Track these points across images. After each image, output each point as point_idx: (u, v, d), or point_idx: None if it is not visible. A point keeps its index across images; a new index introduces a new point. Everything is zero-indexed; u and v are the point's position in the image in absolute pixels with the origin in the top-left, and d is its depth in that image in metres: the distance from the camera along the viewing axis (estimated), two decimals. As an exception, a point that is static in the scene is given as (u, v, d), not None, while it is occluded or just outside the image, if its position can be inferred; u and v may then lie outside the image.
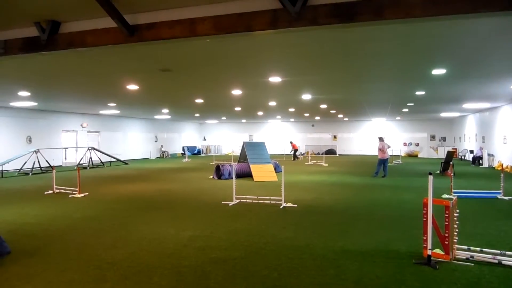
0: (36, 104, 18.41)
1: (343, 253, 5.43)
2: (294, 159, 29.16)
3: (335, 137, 37.49)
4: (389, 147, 16.14)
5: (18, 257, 5.31)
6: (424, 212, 5.07)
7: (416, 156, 33.32)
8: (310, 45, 7.46)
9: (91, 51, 6.27)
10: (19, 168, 18.49)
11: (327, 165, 22.95)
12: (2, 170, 17.55)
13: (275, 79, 11.20)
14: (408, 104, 19.52)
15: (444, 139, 33.70)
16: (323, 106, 20.91)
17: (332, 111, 24.95)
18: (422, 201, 5.28)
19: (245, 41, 7.04)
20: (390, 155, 16.67)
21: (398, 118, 32.04)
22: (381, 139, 16.34)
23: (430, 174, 5.08)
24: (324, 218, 7.83)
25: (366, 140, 35.88)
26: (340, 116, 29.97)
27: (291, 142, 31.41)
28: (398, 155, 28.43)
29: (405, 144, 34.85)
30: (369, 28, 6.06)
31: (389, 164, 17.80)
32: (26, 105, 18.79)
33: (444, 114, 27.25)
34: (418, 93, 14.69)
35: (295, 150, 30.13)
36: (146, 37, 5.39)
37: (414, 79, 11.61)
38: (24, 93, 14.27)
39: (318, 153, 35.15)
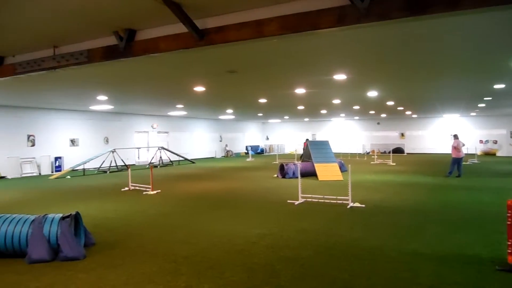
0: (112, 107, 19.81)
1: (416, 256, 5.21)
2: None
3: (402, 135, 35.89)
4: (463, 145, 15.14)
5: (101, 248, 5.77)
6: (509, 215, 4.70)
7: (494, 154, 30.85)
8: (377, 41, 7.23)
9: (163, 56, 6.61)
10: (98, 166, 20.00)
11: (394, 164, 22.05)
12: (84, 169, 19.10)
13: (340, 76, 11.00)
14: (485, 98, 18.14)
15: (527, 135, 30.85)
16: (390, 103, 20.13)
17: (399, 108, 23.93)
18: (504, 203, 4.91)
19: (310, 39, 6.99)
20: (464, 154, 15.63)
21: (473, 113, 29.89)
22: (455, 136, 15.37)
23: (515, 174, 4.69)
24: (394, 219, 7.55)
25: (437, 138, 33.93)
26: (408, 113, 28.64)
27: (307, 140, 29.83)
28: (474, 154, 26.55)
29: (481, 141, 32.37)
30: (442, 20, 5.75)
31: (464, 163, 16.69)
32: (103, 108, 20.30)
33: (527, 109, 24.96)
34: (496, 86, 13.59)
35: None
36: (215, 40, 5.58)
37: (492, 72, 10.78)
38: (102, 97, 15.42)
39: (385, 152, 33.88)
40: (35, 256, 5.13)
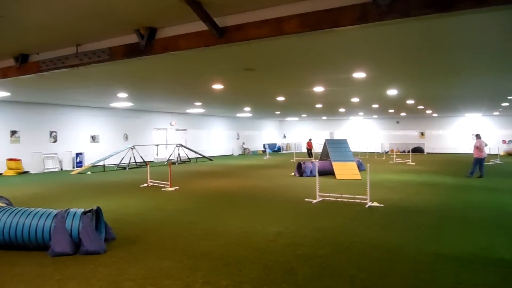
0: (132, 104, 20.08)
1: (437, 257, 5.12)
2: (309, 156, 27.57)
3: (422, 134, 35.30)
4: (486, 145, 14.80)
5: (122, 243, 5.87)
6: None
7: (518, 155, 30.05)
8: (398, 38, 7.12)
9: (183, 54, 6.65)
10: (118, 162, 20.32)
11: (414, 163, 21.71)
12: (104, 165, 19.44)
13: (359, 74, 10.89)
14: (508, 97, 17.68)
15: (552, 136, 29.89)
16: (410, 101, 19.82)
17: (419, 107, 23.54)
18: (530, 204, 4.78)
19: (330, 37, 6.93)
20: (487, 154, 15.28)
21: (495, 113, 29.17)
22: (478, 136, 15.02)
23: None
24: (414, 219, 7.44)
25: (458, 138, 33.25)
26: (429, 112, 28.14)
27: (310, 139, 30.12)
28: (496, 154, 25.91)
29: (504, 141, 31.57)
30: (466, 17, 5.61)
31: (486, 163, 16.31)
32: (123, 105, 20.60)
33: (553, 108, 24.20)
34: (522, 85, 13.24)
35: (309, 149, 28.75)
36: (235, 38, 5.58)
37: (518, 70, 10.50)
38: (122, 95, 15.65)
39: (404, 151, 33.42)
40: (58, 249, 5.25)
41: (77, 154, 20.26)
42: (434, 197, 10.03)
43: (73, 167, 19.80)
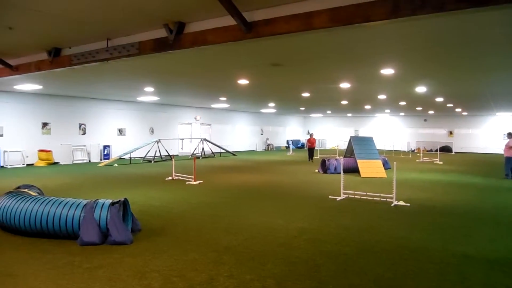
0: (158, 98, 20.37)
1: (465, 258, 4.99)
2: (310, 159, 22.13)
3: (451, 133, 34.34)
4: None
5: (147, 235, 5.97)
6: None
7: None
8: (430, 33, 6.92)
9: (210, 49, 6.69)
10: (144, 156, 20.69)
11: (441, 163, 21.18)
12: (130, 157, 19.83)
13: (387, 71, 10.67)
14: (544, 96, 16.99)
15: None
16: (439, 99, 19.29)
17: (449, 105, 22.88)
18: None
19: (360, 32, 6.81)
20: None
21: (530, 112, 28.09)
22: (510, 135, 14.49)
23: None
24: (441, 219, 7.27)
25: (489, 137, 32.17)
26: (458, 110, 27.32)
27: (312, 135, 23.55)
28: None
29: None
30: (501, 12, 5.41)
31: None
32: (149, 99, 20.94)
33: None
34: (559, 83, 12.67)
35: (311, 149, 22.47)
36: (263, 33, 5.57)
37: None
38: (149, 89, 15.89)
39: (431, 150, 32.64)
40: (86, 238, 5.40)
41: (105, 147, 20.73)
42: (463, 198, 9.76)
43: (101, 159, 20.30)
